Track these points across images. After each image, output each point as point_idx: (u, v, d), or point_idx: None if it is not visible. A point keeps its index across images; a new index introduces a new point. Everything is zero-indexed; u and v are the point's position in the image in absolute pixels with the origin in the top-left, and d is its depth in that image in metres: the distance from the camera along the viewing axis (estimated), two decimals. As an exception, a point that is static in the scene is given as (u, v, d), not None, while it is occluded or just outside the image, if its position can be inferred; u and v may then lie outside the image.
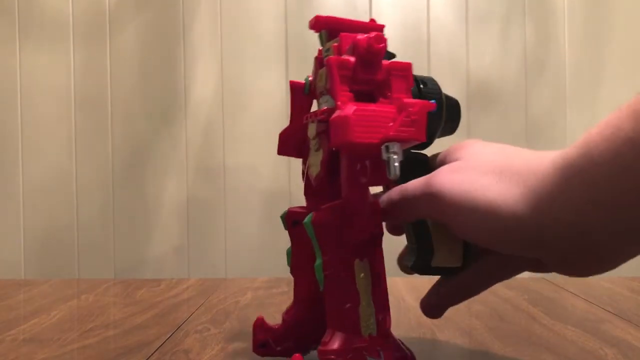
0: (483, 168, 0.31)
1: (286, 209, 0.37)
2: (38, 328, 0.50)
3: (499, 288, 0.65)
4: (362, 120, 0.29)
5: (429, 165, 0.37)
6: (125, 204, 0.89)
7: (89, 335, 0.47)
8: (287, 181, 0.87)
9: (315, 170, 0.34)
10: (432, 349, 0.32)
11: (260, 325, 0.38)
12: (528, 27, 0.88)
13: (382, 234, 0.33)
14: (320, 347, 0.30)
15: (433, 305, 0.38)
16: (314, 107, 0.37)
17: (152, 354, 0.42)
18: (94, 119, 0.90)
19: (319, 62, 0.35)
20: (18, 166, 0.90)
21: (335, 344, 0.30)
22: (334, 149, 0.32)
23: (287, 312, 0.37)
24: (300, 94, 0.38)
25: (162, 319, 0.53)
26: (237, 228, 0.89)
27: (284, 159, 0.85)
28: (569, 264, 0.31)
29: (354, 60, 0.31)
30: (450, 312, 0.54)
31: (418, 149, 0.37)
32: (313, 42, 0.36)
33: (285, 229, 0.37)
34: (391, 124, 0.29)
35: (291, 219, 0.36)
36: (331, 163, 0.33)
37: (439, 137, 0.38)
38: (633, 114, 0.25)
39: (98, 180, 0.90)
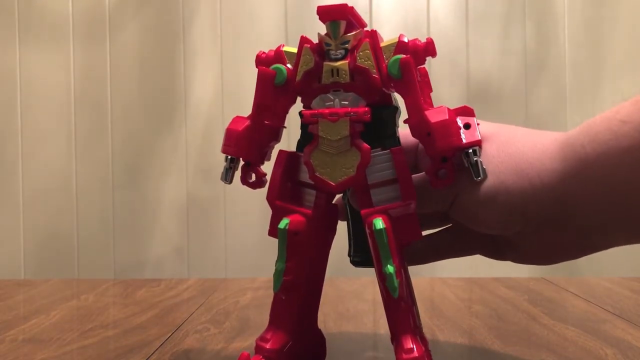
0: (486, 162, 0.32)
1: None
2: (38, 328, 0.50)
3: (499, 288, 0.65)
4: (457, 125, 0.31)
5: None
6: (125, 204, 0.89)
7: (88, 335, 0.47)
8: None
9: (340, 173, 0.32)
10: (432, 349, 0.33)
11: None
12: (528, 27, 0.88)
13: None
14: (405, 356, 0.30)
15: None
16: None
17: (152, 354, 0.42)
18: (94, 119, 0.90)
19: (316, 51, 0.32)
20: (18, 166, 0.90)
21: (419, 350, 0.30)
22: (436, 154, 0.31)
23: (264, 340, 0.33)
24: (270, 84, 0.34)
25: (162, 319, 0.53)
26: (237, 228, 0.89)
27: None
28: (537, 247, 0.33)
29: None
30: (450, 312, 0.54)
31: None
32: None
33: (283, 241, 0.33)
34: (464, 130, 0.31)
35: (294, 230, 0.33)
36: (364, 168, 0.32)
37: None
38: (635, 103, 0.28)
39: (98, 180, 0.90)
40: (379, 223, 0.30)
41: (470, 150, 0.30)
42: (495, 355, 0.41)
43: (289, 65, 0.34)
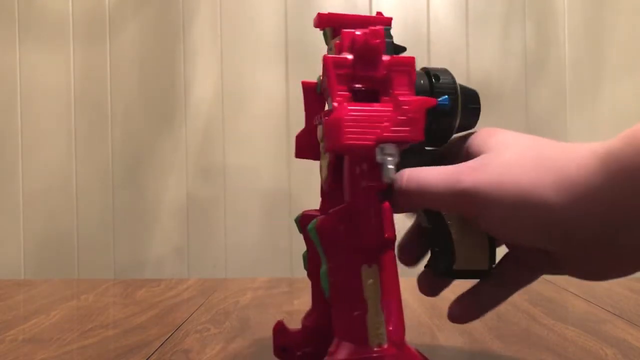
0: (515, 158, 0.30)
1: (288, 209, 0.37)
2: (38, 328, 0.50)
3: (499, 288, 0.65)
4: (356, 122, 0.28)
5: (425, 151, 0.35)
6: (125, 204, 0.89)
7: (88, 335, 0.47)
8: (287, 181, 0.87)
9: (324, 173, 0.33)
10: (432, 349, 0.32)
11: (280, 329, 0.37)
12: (528, 27, 0.88)
13: (393, 239, 0.31)
14: (326, 358, 0.29)
15: (456, 317, 0.37)
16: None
17: (152, 354, 0.42)
18: (94, 119, 0.90)
19: None
20: (18, 166, 0.90)
21: (341, 355, 0.28)
22: (330, 152, 0.31)
23: (307, 318, 0.36)
24: (312, 94, 0.36)
25: (162, 319, 0.53)
26: (237, 228, 0.89)
27: (284, 158, 0.85)
28: (588, 264, 0.31)
29: (352, 57, 0.29)
30: (450, 312, 0.54)
31: (433, 146, 0.35)
32: (313, 42, 0.35)
33: (300, 232, 0.36)
34: (386, 124, 0.28)
35: (305, 222, 0.34)
36: (338, 166, 0.31)
37: (458, 132, 0.36)
38: None
39: (98, 180, 0.90)
40: (312, 223, 0.31)
41: (377, 148, 0.28)
42: (495, 355, 0.41)
43: None
